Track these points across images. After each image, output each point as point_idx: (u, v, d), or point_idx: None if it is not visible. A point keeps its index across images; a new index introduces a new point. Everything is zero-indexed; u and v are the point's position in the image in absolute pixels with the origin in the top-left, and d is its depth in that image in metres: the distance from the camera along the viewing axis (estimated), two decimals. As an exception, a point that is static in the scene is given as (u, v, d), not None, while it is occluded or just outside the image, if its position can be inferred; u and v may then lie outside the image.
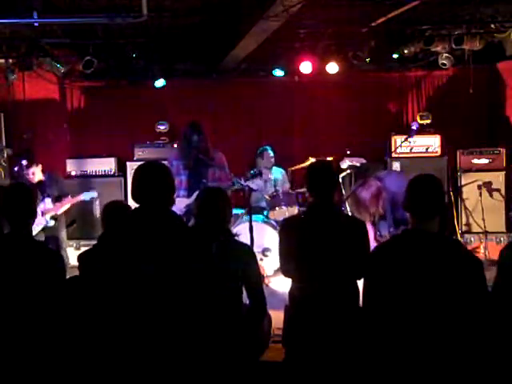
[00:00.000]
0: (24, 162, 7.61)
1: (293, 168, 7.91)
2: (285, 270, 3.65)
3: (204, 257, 3.18)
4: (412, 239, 2.96)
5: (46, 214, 6.73)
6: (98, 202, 6.94)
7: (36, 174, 6.86)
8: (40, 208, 6.65)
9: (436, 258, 2.87)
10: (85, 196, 6.93)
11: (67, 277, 3.37)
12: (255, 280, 3.38)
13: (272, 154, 7.92)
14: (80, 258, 3.51)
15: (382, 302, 2.95)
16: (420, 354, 2.85)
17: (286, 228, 3.72)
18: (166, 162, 6.11)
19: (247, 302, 3.42)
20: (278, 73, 8.62)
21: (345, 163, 8.20)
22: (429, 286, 2.84)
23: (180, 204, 5.87)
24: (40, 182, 6.89)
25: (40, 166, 6.91)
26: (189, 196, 6.01)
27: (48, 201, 6.85)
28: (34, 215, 3.20)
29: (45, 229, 6.76)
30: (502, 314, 2.94)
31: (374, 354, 3.01)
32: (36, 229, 6.59)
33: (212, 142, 6.40)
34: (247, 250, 3.47)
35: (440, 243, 2.94)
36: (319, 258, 3.47)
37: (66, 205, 6.77)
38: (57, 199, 6.87)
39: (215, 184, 5.89)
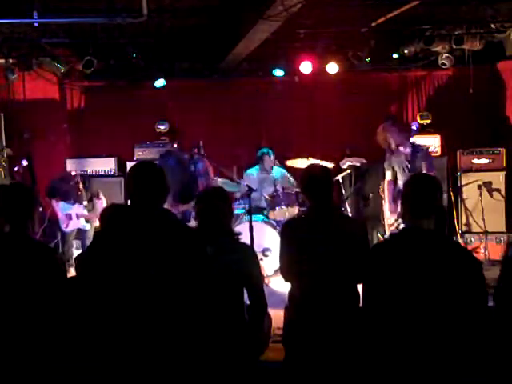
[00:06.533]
0: (24, 162, 7.64)
1: (289, 163, 7.90)
2: (285, 272, 3.64)
3: (204, 257, 3.18)
4: (410, 237, 2.97)
5: (81, 218, 7.15)
6: None
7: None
8: (73, 211, 7.15)
9: (433, 255, 2.88)
10: None
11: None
12: (256, 280, 3.37)
13: (272, 157, 7.89)
14: (77, 259, 3.52)
15: (381, 301, 2.96)
16: (418, 353, 2.85)
17: (286, 230, 3.70)
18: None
19: (248, 302, 3.42)
20: (278, 73, 8.63)
21: (345, 163, 8.21)
22: (427, 284, 2.84)
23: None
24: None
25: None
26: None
27: (79, 206, 7.18)
28: (33, 215, 3.20)
29: (80, 230, 7.26)
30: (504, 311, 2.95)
31: (373, 353, 3.02)
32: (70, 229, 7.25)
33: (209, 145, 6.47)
34: (248, 251, 3.46)
35: (437, 241, 2.95)
36: (320, 259, 3.47)
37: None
38: (89, 201, 7.26)
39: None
